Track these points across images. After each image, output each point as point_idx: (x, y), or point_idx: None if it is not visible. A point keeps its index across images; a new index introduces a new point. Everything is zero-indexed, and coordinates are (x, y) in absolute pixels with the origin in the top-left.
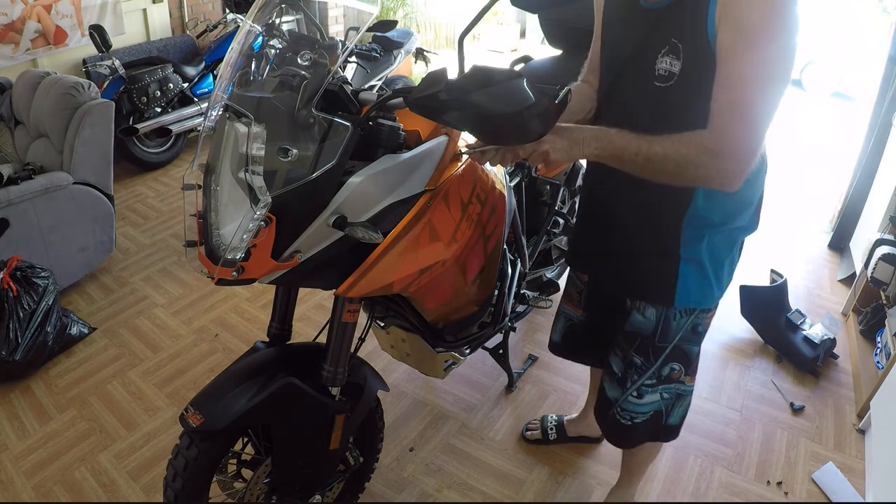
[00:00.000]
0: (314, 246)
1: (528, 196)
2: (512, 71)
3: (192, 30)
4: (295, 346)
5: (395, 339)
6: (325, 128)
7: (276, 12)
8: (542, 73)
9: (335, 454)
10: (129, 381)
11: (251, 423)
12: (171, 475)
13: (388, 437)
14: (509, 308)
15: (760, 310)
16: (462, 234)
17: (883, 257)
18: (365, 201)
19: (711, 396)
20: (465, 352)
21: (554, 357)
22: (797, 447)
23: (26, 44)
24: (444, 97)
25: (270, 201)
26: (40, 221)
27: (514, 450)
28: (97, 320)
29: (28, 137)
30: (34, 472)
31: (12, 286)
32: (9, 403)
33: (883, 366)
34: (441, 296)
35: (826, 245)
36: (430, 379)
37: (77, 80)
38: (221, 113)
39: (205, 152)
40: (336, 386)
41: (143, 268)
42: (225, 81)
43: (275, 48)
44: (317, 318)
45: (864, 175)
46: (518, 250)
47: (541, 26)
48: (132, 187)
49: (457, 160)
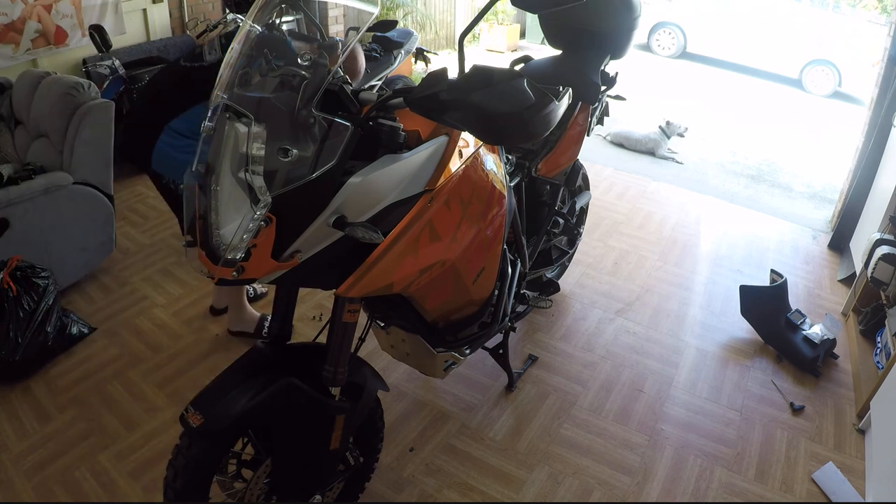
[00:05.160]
0: (314, 246)
1: (528, 196)
2: (512, 71)
3: (192, 30)
4: (295, 346)
5: (395, 339)
6: (325, 128)
7: (276, 12)
8: (542, 73)
9: (335, 454)
10: (129, 381)
11: (251, 423)
12: (171, 475)
13: (388, 437)
14: (509, 308)
15: (760, 310)
16: (462, 234)
17: (883, 257)
18: (365, 201)
19: (711, 396)
20: (465, 352)
21: (554, 357)
22: (797, 447)
23: (26, 44)
24: (444, 97)
25: (270, 201)
26: (40, 221)
27: (514, 450)
28: (97, 320)
29: (28, 137)
30: (34, 472)
31: (12, 286)
32: (9, 403)
33: (883, 366)
34: (441, 296)
35: (826, 245)
36: (430, 379)
37: (77, 80)
38: (221, 113)
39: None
40: (336, 386)
41: (143, 268)
42: (225, 81)
43: (275, 48)
44: (317, 317)
45: (864, 175)
46: (518, 250)
47: (541, 26)
48: (132, 187)
49: (457, 160)
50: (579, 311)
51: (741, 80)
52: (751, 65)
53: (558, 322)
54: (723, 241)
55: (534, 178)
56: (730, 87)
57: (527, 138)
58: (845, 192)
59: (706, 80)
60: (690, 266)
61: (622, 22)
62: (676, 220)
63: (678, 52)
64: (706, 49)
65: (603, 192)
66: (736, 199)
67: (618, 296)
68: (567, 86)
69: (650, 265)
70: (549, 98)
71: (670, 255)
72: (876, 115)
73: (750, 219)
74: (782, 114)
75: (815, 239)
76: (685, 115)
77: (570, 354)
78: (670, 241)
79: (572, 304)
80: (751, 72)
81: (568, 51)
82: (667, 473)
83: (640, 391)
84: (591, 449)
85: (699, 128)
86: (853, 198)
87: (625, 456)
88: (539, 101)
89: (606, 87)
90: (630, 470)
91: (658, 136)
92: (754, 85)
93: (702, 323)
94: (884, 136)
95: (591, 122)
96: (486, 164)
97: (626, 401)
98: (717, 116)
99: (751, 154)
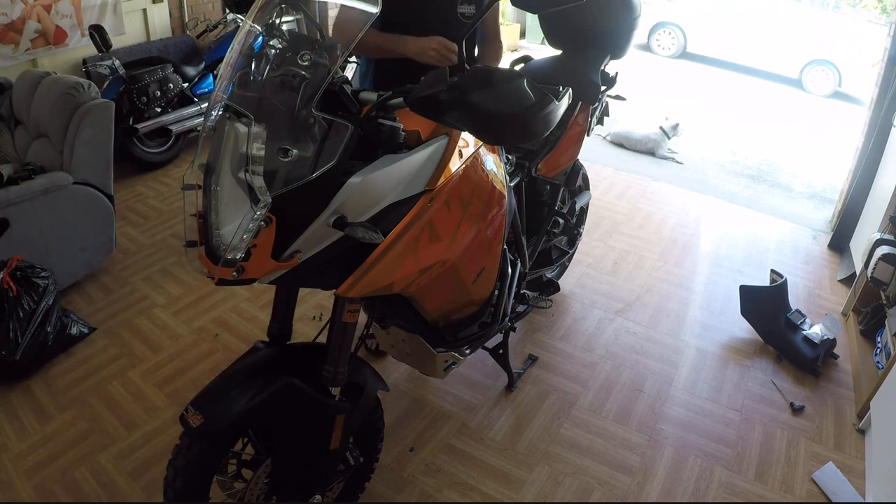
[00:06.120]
0: (314, 246)
1: (528, 196)
2: (512, 71)
3: (192, 30)
4: (295, 346)
5: (395, 339)
6: (325, 128)
7: (276, 12)
8: (542, 73)
9: (335, 454)
10: (129, 381)
11: (251, 423)
12: (171, 475)
13: (388, 437)
14: (509, 308)
15: (760, 310)
16: (462, 234)
17: (883, 257)
18: (365, 201)
19: (711, 396)
20: (465, 352)
21: (554, 357)
22: (797, 447)
23: (26, 44)
24: (444, 97)
25: (270, 201)
26: (40, 221)
27: (514, 450)
28: (97, 320)
29: (28, 137)
30: (34, 472)
31: (12, 286)
32: (9, 403)
33: (883, 366)
34: (441, 296)
35: (826, 245)
36: (429, 379)
37: (77, 80)
38: (221, 113)
39: (205, 152)
40: (336, 386)
41: (143, 268)
42: (225, 81)
43: (275, 48)
44: (317, 317)
45: (864, 175)
46: (518, 250)
47: (541, 26)
48: (132, 187)
49: (457, 160)
50: (579, 311)
51: (741, 80)
52: (751, 65)
53: (558, 322)
54: (723, 241)
55: (534, 178)
56: (730, 87)
57: (527, 138)
58: (845, 192)
59: (706, 80)
60: (690, 266)
61: (622, 22)
62: (676, 220)
63: (678, 52)
64: (706, 49)
65: (603, 192)
66: (736, 199)
67: (618, 296)
68: (567, 86)
69: (650, 265)
70: (549, 98)
71: (670, 255)
72: (876, 115)
73: (750, 219)
74: (782, 114)
75: (815, 239)
76: (685, 114)
77: (570, 354)
78: (670, 241)
79: (572, 304)
80: (751, 72)
81: (568, 51)
82: (667, 473)
83: (640, 391)
84: (591, 449)
85: (699, 128)
86: (853, 198)
87: (625, 456)
88: (539, 101)
89: (606, 87)
90: (630, 470)
91: (658, 136)
92: (754, 85)
93: (702, 323)
94: (884, 136)
95: (591, 122)
96: (486, 164)
97: (626, 401)
98: (717, 116)
99: (751, 154)
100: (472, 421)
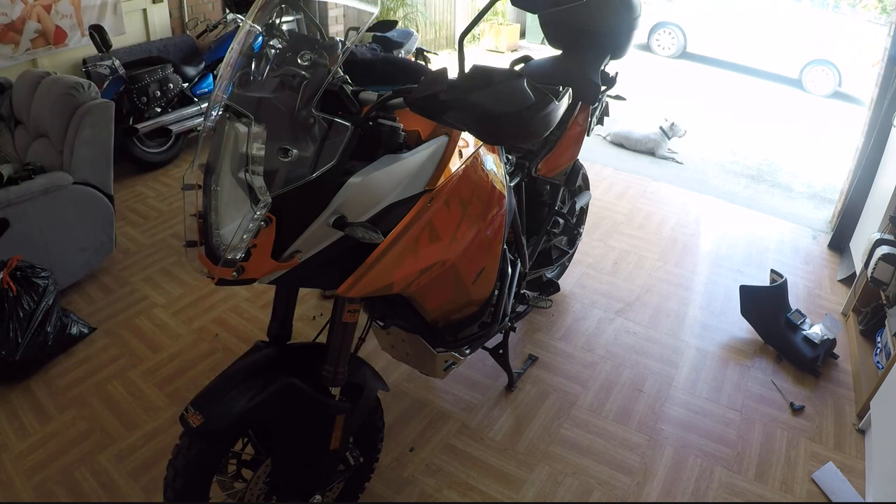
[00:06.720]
0: (314, 246)
1: (528, 196)
2: (512, 71)
3: (192, 30)
4: (295, 346)
5: (395, 339)
6: (325, 128)
7: (276, 12)
8: (542, 73)
9: (335, 454)
10: (129, 381)
11: (251, 423)
12: (171, 475)
13: (388, 437)
14: (509, 308)
15: (760, 310)
16: (462, 234)
17: (883, 257)
18: (365, 201)
19: (711, 396)
20: (465, 352)
21: (554, 357)
22: (797, 447)
23: (26, 44)
24: (444, 97)
25: (270, 201)
26: (40, 221)
27: (513, 450)
28: (97, 320)
29: (28, 137)
30: (34, 472)
31: (12, 286)
32: (9, 403)
33: (883, 366)
34: (441, 296)
35: (826, 245)
36: (430, 379)
37: (77, 80)
38: (221, 113)
39: (205, 152)
40: (336, 386)
41: (143, 268)
42: (225, 81)
43: (275, 48)
44: (317, 317)
45: (864, 175)
46: (518, 250)
47: (541, 26)
48: (132, 187)
49: (457, 160)
50: (579, 311)
51: (741, 80)
52: (751, 65)
53: (558, 322)
54: (723, 241)
55: (534, 178)
56: (730, 87)
57: (527, 138)
58: (845, 192)
59: (706, 80)
60: (690, 266)
61: (622, 22)
62: (676, 220)
63: (678, 52)
64: (706, 49)
65: (603, 192)
66: (736, 199)
67: (618, 296)
68: (567, 86)
69: (650, 265)
70: (549, 98)
71: (670, 255)
72: (876, 115)
73: (750, 219)
74: (782, 114)
75: (815, 239)
76: (685, 114)
77: (570, 354)
78: (670, 241)
79: (572, 304)
80: (751, 72)
81: (568, 51)
82: (667, 473)
83: (640, 391)
84: (591, 449)
85: (699, 128)
86: (853, 198)
87: (625, 456)
88: (539, 101)
89: (606, 87)
90: (630, 470)
91: (658, 136)
92: (754, 85)
93: (702, 323)
94: (884, 136)
95: (591, 122)
96: (486, 164)
97: (626, 401)
98: (717, 116)
99: (751, 154)
100: (472, 421)
